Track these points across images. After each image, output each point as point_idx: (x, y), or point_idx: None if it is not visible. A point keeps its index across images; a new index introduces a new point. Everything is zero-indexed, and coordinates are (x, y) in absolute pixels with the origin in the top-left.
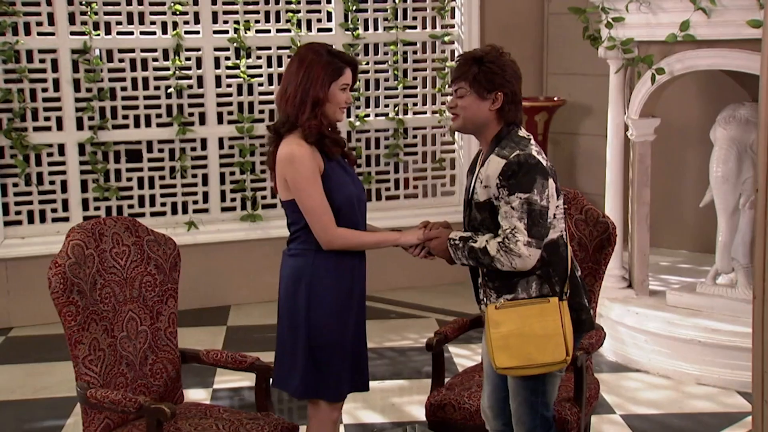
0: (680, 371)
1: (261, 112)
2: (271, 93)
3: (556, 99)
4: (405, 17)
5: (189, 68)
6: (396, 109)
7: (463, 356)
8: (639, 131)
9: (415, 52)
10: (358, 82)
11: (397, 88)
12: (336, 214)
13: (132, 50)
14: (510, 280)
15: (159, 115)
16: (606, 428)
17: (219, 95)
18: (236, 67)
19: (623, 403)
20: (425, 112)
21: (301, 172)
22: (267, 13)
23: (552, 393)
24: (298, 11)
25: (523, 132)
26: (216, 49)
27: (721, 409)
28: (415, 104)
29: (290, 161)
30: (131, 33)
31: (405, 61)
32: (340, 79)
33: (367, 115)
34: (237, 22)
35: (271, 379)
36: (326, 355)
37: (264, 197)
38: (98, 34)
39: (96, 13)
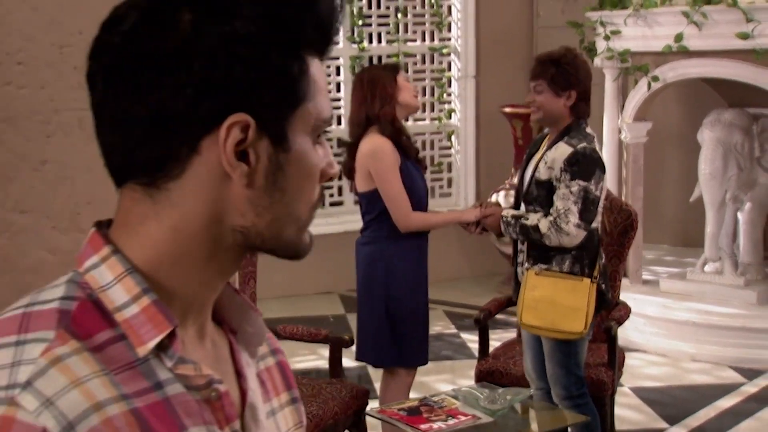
0: (676, 350)
1: None
2: None
3: None
4: (406, 31)
5: None
6: None
7: (473, 341)
8: (633, 134)
9: (415, 63)
10: None
11: None
12: None
13: None
14: (548, 253)
15: None
16: (619, 399)
17: None
18: None
19: (628, 378)
20: (425, 119)
21: (385, 163)
22: None
23: (582, 354)
24: None
25: (589, 129)
26: None
27: (716, 381)
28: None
29: (374, 154)
30: None
31: (406, 71)
32: (400, 73)
33: None
34: None
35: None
36: (406, 326)
37: None
38: None
39: None
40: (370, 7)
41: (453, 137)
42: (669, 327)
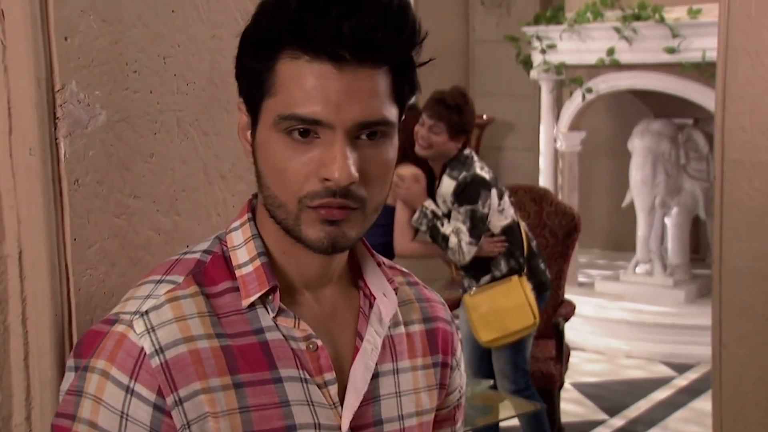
0: (612, 347)
1: None
2: None
3: (485, 117)
4: None
5: None
6: None
7: None
8: (568, 143)
9: None
10: None
11: None
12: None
13: None
14: (480, 265)
15: None
16: (561, 394)
17: None
18: None
19: (569, 374)
20: None
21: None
22: None
23: (528, 350)
24: None
25: (467, 151)
26: None
27: (650, 375)
28: None
29: (417, 179)
30: None
31: None
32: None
33: None
34: None
35: None
36: None
37: None
38: None
39: None
40: None
41: None
42: (604, 326)
